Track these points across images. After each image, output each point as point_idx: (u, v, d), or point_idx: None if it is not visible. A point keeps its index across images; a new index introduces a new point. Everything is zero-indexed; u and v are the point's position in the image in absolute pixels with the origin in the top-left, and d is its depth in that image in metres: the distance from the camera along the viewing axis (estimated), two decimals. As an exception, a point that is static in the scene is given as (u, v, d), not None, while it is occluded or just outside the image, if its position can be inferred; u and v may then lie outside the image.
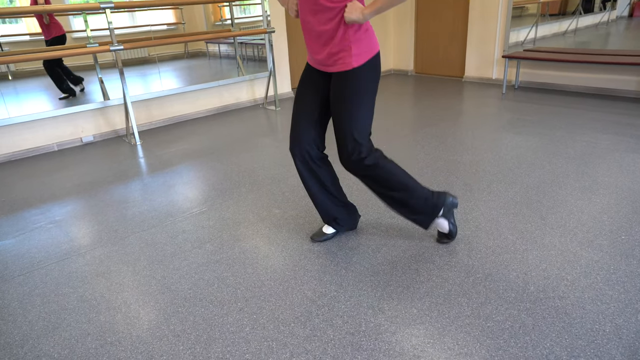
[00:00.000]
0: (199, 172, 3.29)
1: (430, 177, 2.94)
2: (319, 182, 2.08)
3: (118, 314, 1.82)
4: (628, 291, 1.75)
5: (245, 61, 6.49)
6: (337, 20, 1.72)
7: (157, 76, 5.09)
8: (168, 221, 2.57)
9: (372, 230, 2.33)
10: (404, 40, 6.75)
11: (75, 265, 2.19)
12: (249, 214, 2.60)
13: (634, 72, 4.61)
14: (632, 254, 1.99)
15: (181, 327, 1.71)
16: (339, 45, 1.76)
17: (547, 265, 1.94)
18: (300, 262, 2.10)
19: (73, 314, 1.84)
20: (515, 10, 5.49)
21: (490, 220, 2.35)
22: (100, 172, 3.41)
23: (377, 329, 1.64)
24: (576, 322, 1.61)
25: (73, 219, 2.67)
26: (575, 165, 2.97)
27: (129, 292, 1.95)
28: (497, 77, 5.75)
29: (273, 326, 1.69)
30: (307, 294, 1.86)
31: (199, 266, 2.11)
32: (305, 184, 2.08)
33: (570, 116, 4.09)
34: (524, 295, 1.77)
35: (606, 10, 5.28)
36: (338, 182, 2.15)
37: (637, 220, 2.26)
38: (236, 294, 1.89)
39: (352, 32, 1.75)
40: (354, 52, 1.78)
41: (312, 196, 2.12)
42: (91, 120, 4.23)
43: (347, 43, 1.76)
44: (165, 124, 4.75)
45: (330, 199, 2.13)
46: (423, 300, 1.78)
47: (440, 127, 4.02)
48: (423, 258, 2.06)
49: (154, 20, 5.79)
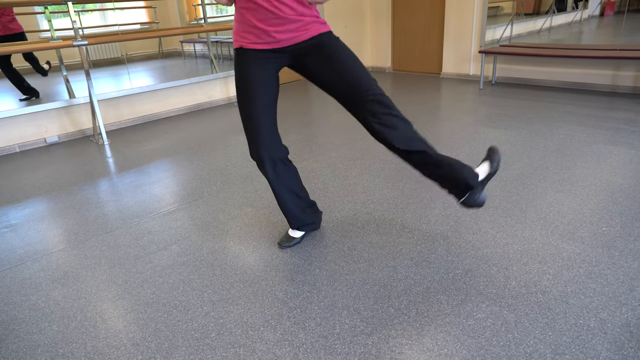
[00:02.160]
0: (169, 171, 3.15)
1: (408, 172, 2.86)
2: (288, 187, 1.92)
3: (72, 322, 1.67)
4: (611, 284, 1.69)
5: (220, 60, 6.34)
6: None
7: (129, 75, 4.91)
8: (133, 222, 2.43)
9: (347, 227, 2.23)
10: (381, 38, 6.69)
11: (29, 271, 2.03)
12: (220, 213, 2.47)
13: (608, 66, 4.63)
14: (613, 246, 1.93)
15: (141, 335, 1.58)
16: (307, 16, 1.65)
17: (528, 259, 1.87)
18: (272, 261, 1.98)
19: (23, 324, 1.69)
20: (491, 10, 5.50)
21: (469, 215, 2.28)
22: (64, 174, 3.23)
23: (352, 330, 1.54)
24: (560, 318, 1.53)
25: (30, 222, 2.50)
26: (554, 158, 2.92)
27: (85, 299, 1.81)
28: (475, 73, 5.73)
29: (241, 331, 1.57)
30: (278, 296, 1.75)
31: (163, 269, 1.98)
32: (277, 192, 1.91)
33: (547, 110, 4.07)
34: (506, 291, 1.69)
35: (578, 9, 5.35)
36: (301, 181, 2.02)
37: (617, 211, 2.21)
38: (202, 297, 1.77)
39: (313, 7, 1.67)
40: (321, 20, 1.70)
41: (283, 204, 1.96)
42: (56, 119, 4.04)
43: (314, 13, 1.68)
44: (136, 123, 4.57)
45: (299, 204, 2.00)
46: (400, 298, 1.69)
47: (417, 122, 3.95)
48: (400, 255, 1.97)
49: (127, 20, 5.60)
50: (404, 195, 2.53)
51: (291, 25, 1.63)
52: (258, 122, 1.74)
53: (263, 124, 1.74)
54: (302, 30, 1.66)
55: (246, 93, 1.72)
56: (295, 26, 1.64)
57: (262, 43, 1.67)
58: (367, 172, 2.90)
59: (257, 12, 1.60)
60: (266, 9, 1.58)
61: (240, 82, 1.73)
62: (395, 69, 6.74)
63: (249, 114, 1.74)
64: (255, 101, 1.72)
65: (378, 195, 2.55)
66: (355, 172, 2.91)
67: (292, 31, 1.64)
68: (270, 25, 1.62)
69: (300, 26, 1.65)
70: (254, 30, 1.64)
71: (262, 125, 1.74)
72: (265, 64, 1.71)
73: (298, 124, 4.11)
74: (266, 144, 1.77)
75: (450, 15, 5.73)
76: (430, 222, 2.23)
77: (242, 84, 1.72)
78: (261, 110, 1.73)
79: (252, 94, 1.72)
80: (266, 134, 1.76)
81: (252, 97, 1.72)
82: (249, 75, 1.71)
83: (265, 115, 1.74)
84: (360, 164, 3.03)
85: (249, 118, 1.74)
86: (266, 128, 1.75)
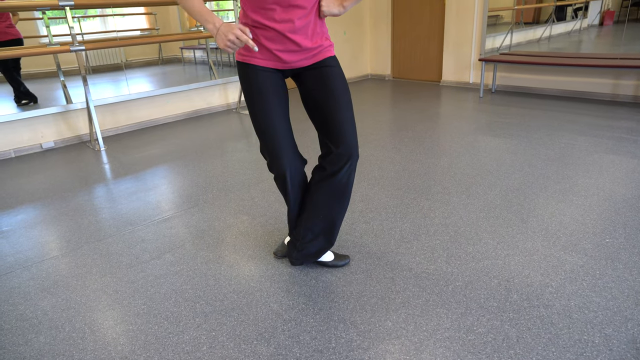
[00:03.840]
0: (165, 178, 3.10)
1: (408, 180, 2.81)
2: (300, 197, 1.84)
3: (60, 333, 1.62)
4: (616, 298, 1.64)
5: (220, 67, 6.32)
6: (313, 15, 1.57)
7: (127, 82, 4.88)
8: (127, 230, 2.38)
9: (345, 236, 2.18)
10: (381, 45, 6.68)
11: (18, 279, 1.98)
12: (215, 221, 2.42)
13: (609, 75, 4.61)
14: (617, 258, 1.88)
15: (130, 348, 1.53)
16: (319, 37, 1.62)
17: (530, 272, 1.82)
18: (267, 271, 1.93)
19: (9, 334, 1.63)
20: (490, 19, 5.50)
21: (469, 225, 2.23)
22: (59, 179, 3.19)
23: (349, 345, 1.49)
24: (563, 333, 1.48)
25: (22, 229, 2.45)
26: (555, 167, 2.88)
27: (75, 309, 1.75)
28: (475, 81, 5.71)
29: (233, 344, 1.52)
30: (272, 307, 1.70)
31: (156, 278, 1.93)
32: (292, 203, 1.82)
33: (547, 118, 4.03)
34: (507, 305, 1.64)
35: (578, 18, 5.34)
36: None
37: (620, 222, 2.17)
38: (195, 308, 1.72)
39: (322, 24, 1.63)
40: (328, 42, 1.67)
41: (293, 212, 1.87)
42: (52, 125, 4.00)
43: (328, 43, 1.66)
44: (133, 129, 4.53)
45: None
46: (399, 312, 1.64)
47: (417, 130, 3.92)
48: (399, 266, 1.92)
49: (127, 26, 5.59)
50: (403, 204, 2.49)
51: (306, 54, 1.62)
52: (278, 133, 1.65)
53: (284, 135, 1.67)
54: (312, 58, 1.64)
55: (262, 105, 1.64)
56: (310, 54, 1.62)
57: (270, 62, 1.62)
58: (365, 180, 2.85)
59: (278, 42, 1.55)
60: (291, 40, 1.55)
61: (254, 94, 1.64)
62: (395, 76, 6.72)
63: (268, 125, 1.64)
64: (273, 112, 1.64)
65: (376, 204, 2.51)
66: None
67: (303, 58, 1.63)
68: (285, 53, 1.58)
69: (313, 55, 1.63)
70: (266, 52, 1.59)
71: (284, 136, 1.67)
72: (275, 75, 1.66)
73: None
74: (289, 155, 1.69)
75: (450, 23, 5.72)
76: (430, 232, 2.18)
77: (257, 96, 1.63)
78: (280, 121, 1.65)
79: (269, 106, 1.64)
80: (288, 145, 1.69)
81: (269, 109, 1.64)
82: (264, 87, 1.63)
83: (284, 125, 1.67)
84: (358, 172, 2.99)
85: (268, 129, 1.65)
86: (287, 139, 1.68)
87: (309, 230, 1.81)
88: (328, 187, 1.71)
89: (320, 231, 1.81)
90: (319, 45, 1.62)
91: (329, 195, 1.73)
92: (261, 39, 1.55)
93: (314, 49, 1.62)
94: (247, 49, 1.61)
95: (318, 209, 1.76)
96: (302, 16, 1.52)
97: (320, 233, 1.81)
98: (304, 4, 1.50)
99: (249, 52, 1.61)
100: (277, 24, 1.51)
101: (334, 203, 1.74)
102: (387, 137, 3.77)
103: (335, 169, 1.67)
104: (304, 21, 1.53)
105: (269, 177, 2.99)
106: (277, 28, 1.51)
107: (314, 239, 1.83)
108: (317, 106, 1.66)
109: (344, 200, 1.75)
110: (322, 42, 1.63)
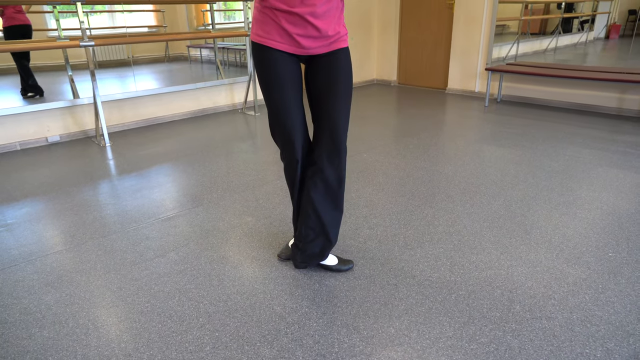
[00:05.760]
0: (169, 176, 3.11)
1: (412, 187, 2.82)
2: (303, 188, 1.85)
3: (64, 329, 1.63)
4: (618, 312, 1.65)
5: (226, 66, 6.34)
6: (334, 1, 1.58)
7: (134, 78, 4.90)
8: (131, 227, 2.39)
9: (348, 241, 2.19)
10: (388, 51, 6.69)
11: (22, 273, 1.99)
12: (219, 221, 2.43)
13: (614, 88, 4.62)
14: (620, 272, 1.89)
15: (133, 345, 1.54)
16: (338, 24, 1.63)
17: (533, 283, 1.83)
18: (271, 274, 1.94)
19: (13, 328, 1.64)
20: (497, 28, 5.51)
21: (473, 234, 2.24)
22: (64, 174, 3.20)
23: (351, 350, 1.49)
24: (565, 346, 1.49)
25: (27, 222, 2.46)
26: (559, 180, 2.89)
27: (78, 304, 1.76)
28: (480, 89, 5.72)
29: (236, 345, 1.53)
30: (276, 310, 1.71)
31: (159, 277, 1.94)
32: (297, 194, 1.84)
33: (552, 130, 4.04)
34: (510, 315, 1.64)
35: (584, 31, 5.36)
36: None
37: (623, 236, 2.18)
38: (198, 308, 1.73)
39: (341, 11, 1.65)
40: (345, 30, 1.68)
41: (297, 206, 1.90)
42: (58, 119, 4.01)
43: (345, 31, 1.67)
44: (139, 126, 4.54)
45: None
46: (402, 318, 1.64)
47: (422, 137, 3.93)
48: (403, 272, 1.92)
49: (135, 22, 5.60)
50: (407, 211, 2.49)
51: (324, 41, 1.62)
52: (294, 122, 1.66)
53: (299, 124, 1.68)
54: (329, 45, 1.64)
55: (279, 93, 1.62)
56: (327, 42, 1.63)
57: (288, 46, 1.60)
58: (370, 185, 2.86)
59: (299, 26, 1.55)
60: (312, 25, 1.55)
61: (271, 81, 1.62)
62: (401, 82, 6.74)
63: (284, 114, 1.64)
64: (288, 101, 1.64)
65: (381, 210, 2.51)
66: (357, 185, 2.88)
67: (321, 45, 1.63)
68: (305, 39, 1.58)
69: (330, 42, 1.64)
70: (285, 36, 1.58)
71: (298, 126, 1.68)
72: (292, 60, 1.64)
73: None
74: (302, 144, 1.72)
75: (458, 32, 5.74)
76: (434, 239, 2.19)
77: (275, 83, 1.61)
78: (295, 110, 1.66)
79: (285, 94, 1.63)
80: (303, 132, 1.71)
81: (286, 97, 1.63)
82: (281, 73, 1.61)
83: (299, 114, 1.68)
84: (363, 177, 3.00)
85: (285, 114, 1.64)
86: (301, 128, 1.70)
87: (310, 229, 1.81)
88: (320, 183, 1.73)
89: (320, 229, 1.81)
90: (337, 33, 1.63)
91: (322, 190, 1.74)
92: (282, 21, 1.54)
93: (333, 37, 1.62)
94: (263, 29, 1.58)
95: (315, 206, 1.76)
96: (325, 1, 1.53)
97: (320, 231, 1.82)
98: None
99: (266, 33, 1.58)
100: (299, 8, 1.51)
101: (327, 199, 1.75)
102: (392, 143, 3.78)
103: (325, 162, 1.69)
104: (326, 6, 1.55)
105: (274, 179, 3.00)
106: (299, 12, 1.51)
107: (316, 238, 1.83)
108: (316, 93, 1.68)
109: (338, 195, 1.76)
110: (340, 30, 1.64)
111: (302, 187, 1.82)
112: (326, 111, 1.67)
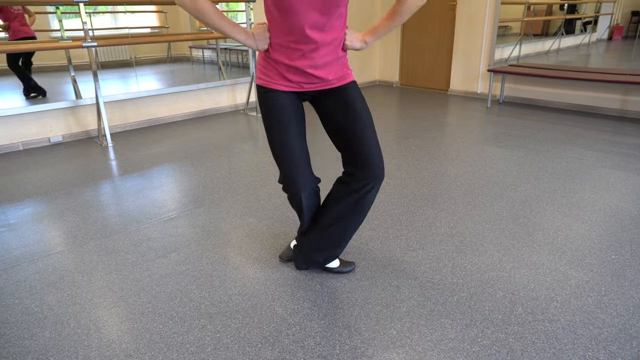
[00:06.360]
0: (171, 176, 3.11)
1: (414, 188, 2.82)
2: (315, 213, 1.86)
3: (65, 329, 1.63)
4: (621, 315, 1.64)
5: (229, 67, 6.34)
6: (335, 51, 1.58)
7: (137, 78, 4.90)
8: (133, 227, 2.39)
9: (350, 243, 2.18)
10: (390, 52, 6.69)
11: (24, 273, 1.99)
12: (221, 222, 2.43)
13: (617, 90, 4.61)
14: (623, 275, 1.88)
15: (135, 346, 1.54)
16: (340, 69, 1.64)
17: (535, 285, 1.82)
18: (272, 275, 1.94)
19: (15, 328, 1.64)
20: (500, 30, 5.51)
21: (475, 236, 2.23)
22: (66, 174, 3.21)
23: (353, 352, 1.49)
24: (568, 349, 1.48)
25: (29, 222, 2.47)
26: (562, 181, 2.88)
27: (80, 305, 1.76)
28: (482, 91, 5.72)
29: (238, 347, 1.53)
30: (277, 311, 1.70)
31: (161, 277, 1.93)
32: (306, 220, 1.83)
33: (555, 132, 4.03)
34: (512, 317, 1.64)
35: (587, 32, 5.35)
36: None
37: (626, 239, 2.17)
38: (200, 309, 1.72)
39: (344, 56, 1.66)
40: (348, 70, 1.69)
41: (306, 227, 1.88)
42: (61, 119, 4.02)
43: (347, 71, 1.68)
44: (141, 126, 4.55)
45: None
46: (403, 320, 1.64)
47: (424, 138, 3.92)
48: (404, 274, 1.92)
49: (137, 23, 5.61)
50: (409, 212, 2.49)
51: (327, 84, 1.64)
52: (296, 155, 1.66)
53: (302, 160, 1.68)
54: (330, 84, 1.66)
55: (282, 126, 1.64)
56: (331, 84, 1.65)
57: (290, 88, 1.63)
58: (372, 186, 2.86)
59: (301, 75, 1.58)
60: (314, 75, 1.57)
61: (274, 116, 1.64)
62: (403, 83, 6.74)
63: (286, 147, 1.65)
64: (290, 138, 1.65)
65: (382, 211, 2.51)
66: (360, 186, 2.87)
67: (324, 87, 1.65)
68: (308, 84, 1.61)
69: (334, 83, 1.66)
70: (288, 81, 1.61)
71: (301, 158, 1.68)
72: (294, 98, 1.67)
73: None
74: (306, 177, 1.70)
75: (460, 33, 5.73)
76: (435, 241, 2.19)
77: (277, 117, 1.63)
78: (297, 146, 1.66)
79: (288, 128, 1.64)
80: (305, 168, 1.69)
81: (289, 131, 1.64)
82: (283, 108, 1.63)
83: (302, 150, 1.68)
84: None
85: (286, 151, 1.65)
86: (304, 164, 1.69)
87: (321, 240, 1.81)
88: (349, 203, 1.71)
89: (331, 243, 1.81)
90: (340, 76, 1.65)
91: (349, 210, 1.72)
92: (284, 72, 1.58)
93: (336, 79, 1.65)
94: (266, 74, 1.62)
95: (334, 222, 1.76)
96: (325, 54, 1.54)
97: (330, 244, 1.82)
98: (327, 41, 1.51)
99: (269, 77, 1.62)
100: (299, 62, 1.53)
101: (352, 218, 1.74)
102: (394, 144, 3.78)
103: (361, 188, 1.67)
104: (326, 58, 1.56)
105: (276, 180, 3.00)
106: (300, 66, 1.54)
107: (323, 250, 1.83)
108: (342, 130, 1.66)
109: (362, 217, 1.76)
110: (343, 73, 1.66)
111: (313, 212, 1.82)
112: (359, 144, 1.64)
